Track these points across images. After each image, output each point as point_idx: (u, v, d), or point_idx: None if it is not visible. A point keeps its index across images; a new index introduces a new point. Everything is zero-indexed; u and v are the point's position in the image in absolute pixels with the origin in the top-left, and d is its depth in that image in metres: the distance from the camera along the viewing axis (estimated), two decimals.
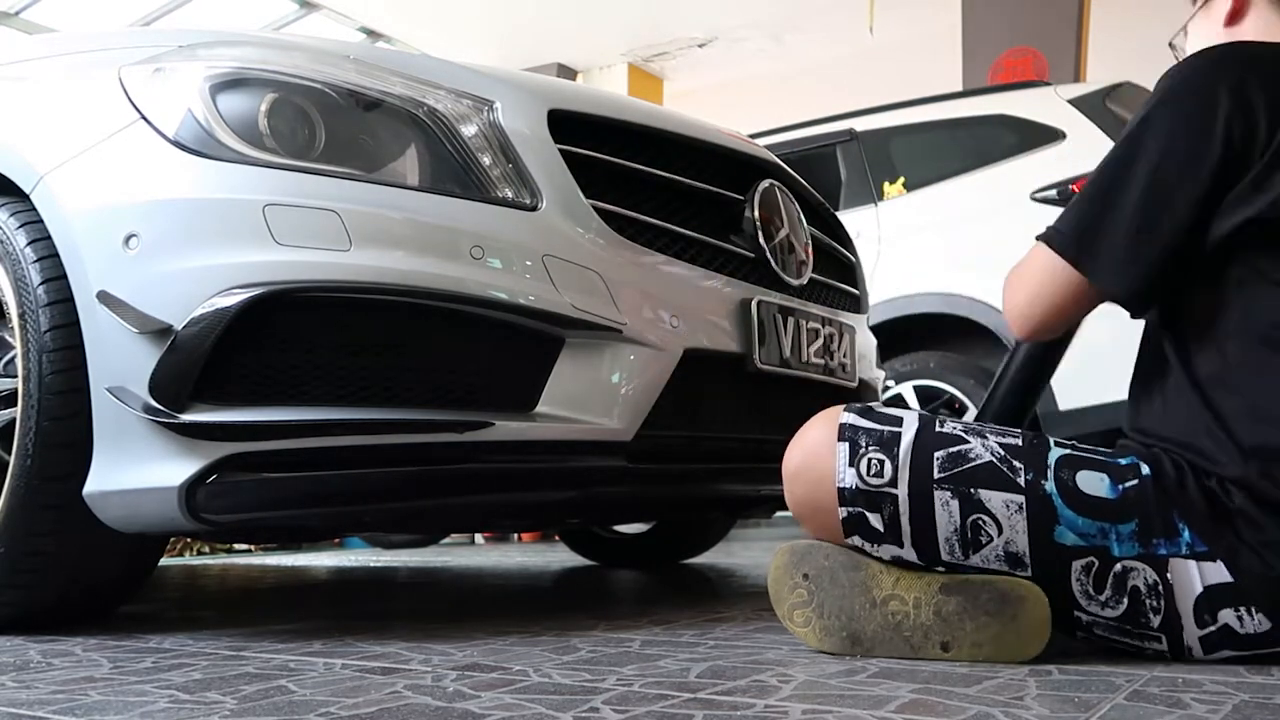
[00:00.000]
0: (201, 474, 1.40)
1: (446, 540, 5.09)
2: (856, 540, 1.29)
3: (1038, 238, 1.33)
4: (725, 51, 7.80)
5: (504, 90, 1.64)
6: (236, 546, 4.42)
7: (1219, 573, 1.17)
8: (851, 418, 1.30)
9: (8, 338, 1.63)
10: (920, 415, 1.30)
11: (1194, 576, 1.18)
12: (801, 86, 7.20)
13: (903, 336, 3.62)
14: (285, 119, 1.51)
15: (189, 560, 3.96)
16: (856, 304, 2.24)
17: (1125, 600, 1.20)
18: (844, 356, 2.01)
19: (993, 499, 1.22)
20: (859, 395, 2.10)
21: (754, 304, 1.77)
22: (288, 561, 3.79)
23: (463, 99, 1.59)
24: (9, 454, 1.54)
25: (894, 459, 1.25)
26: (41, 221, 1.54)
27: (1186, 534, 1.18)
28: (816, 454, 1.30)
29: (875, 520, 1.26)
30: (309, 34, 4.64)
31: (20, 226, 1.57)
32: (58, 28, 6.16)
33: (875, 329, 2.41)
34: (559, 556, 3.69)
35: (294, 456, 1.42)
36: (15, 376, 1.57)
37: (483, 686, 1.12)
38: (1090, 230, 1.26)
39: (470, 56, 1.96)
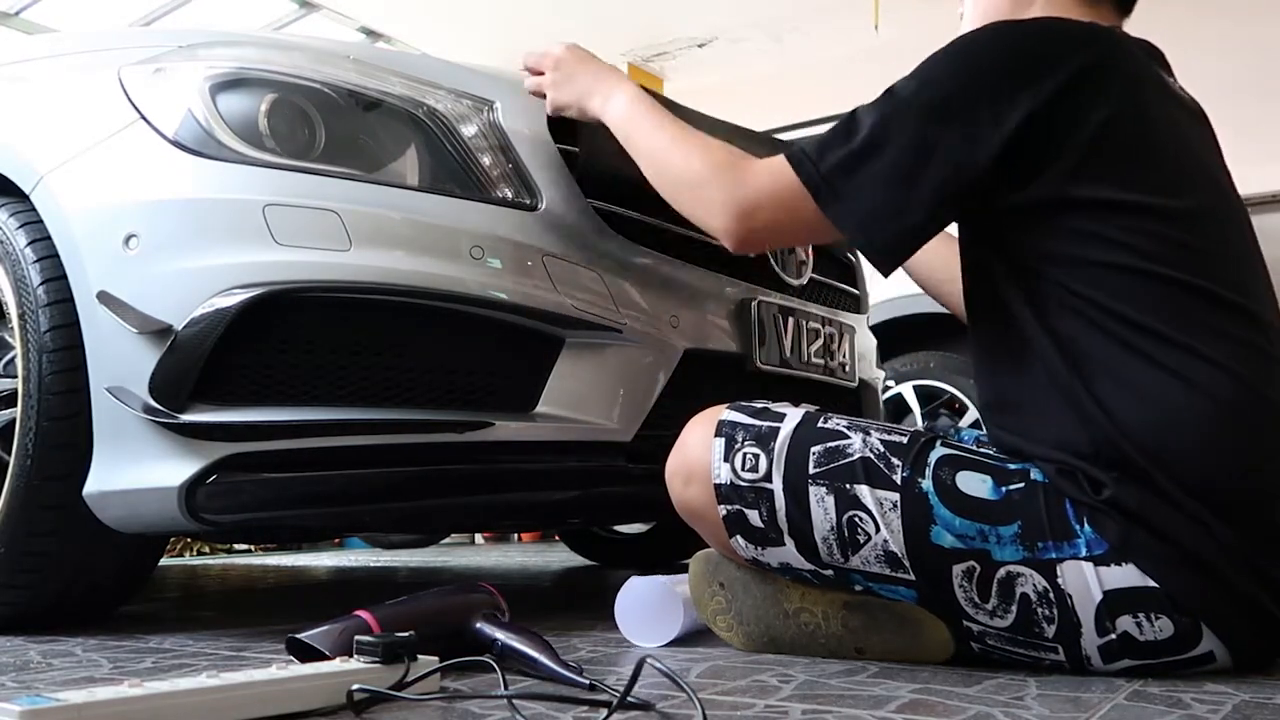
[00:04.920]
0: (201, 474, 1.40)
1: (446, 540, 5.08)
2: (740, 543, 1.25)
3: (785, 155, 1.22)
4: (725, 51, 7.78)
5: (504, 90, 1.64)
6: (236, 546, 4.42)
7: (1119, 577, 1.08)
8: (732, 414, 1.27)
9: (8, 338, 1.63)
10: (805, 411, 1.26)
11: (1091, 582, 1.09)
12: (801, 86, 7.19)
13: (903, 336, 3.61)
14: (285, 119, 1.51)
15: (189, 560, 3.96)
16: (856, 304, 2.24)
17: (1015, 609, 1.12)
18: (844, 356, 2.01)
19: (868, 496, 1.16)
20: (859, 395, 2.10)
21: (754, 304, 1.77)
22: (288, 561, 3.79)
23: (463, 99, 1.59)
24: (9, 454, 1.54)
25: (769, 453, 1.21)
26: (41, 221, 1.54)
27: (1085, 537, 1.09)
28: (694, 452, 1.27)
29: (754, 518, 1.22)
30: (309, 34, 4.64)
31: (20, 226, 1.57)
32: (58, 28, 6.15)
33: (875, 329, 2.41)
34: (559, 556, 3.68)
35: (294, 456, 1.42)
36: (15, 377, 1.57)
37: (483, 686, 1.12)
38: (846, 171, 1.18)
39: (471, 57, 1.96)
